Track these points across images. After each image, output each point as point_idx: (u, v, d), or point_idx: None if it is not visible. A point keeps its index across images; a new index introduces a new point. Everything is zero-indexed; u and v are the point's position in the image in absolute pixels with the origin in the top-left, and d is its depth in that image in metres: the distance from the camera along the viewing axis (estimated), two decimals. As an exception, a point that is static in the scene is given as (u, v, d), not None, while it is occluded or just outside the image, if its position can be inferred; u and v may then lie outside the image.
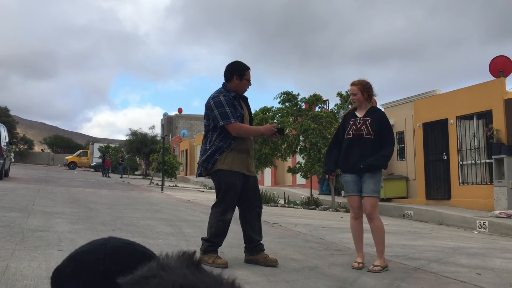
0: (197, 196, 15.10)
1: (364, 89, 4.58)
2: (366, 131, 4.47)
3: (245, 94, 4.51)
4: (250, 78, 4.40)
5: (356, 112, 4.67)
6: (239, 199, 4.26)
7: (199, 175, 4.44)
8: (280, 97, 15.58)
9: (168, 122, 48.38)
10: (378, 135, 4.49)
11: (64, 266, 0.76)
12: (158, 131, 40.73)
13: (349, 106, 14.44)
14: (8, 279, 3.10)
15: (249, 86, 4.44)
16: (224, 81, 4.41)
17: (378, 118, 4.55)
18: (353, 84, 4.66)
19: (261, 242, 4.33)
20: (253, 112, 18.42)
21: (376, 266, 4.30)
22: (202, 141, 4.43)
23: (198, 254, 0.60)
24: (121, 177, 31.20)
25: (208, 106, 4.28)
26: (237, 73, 4.33)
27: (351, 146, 4.52)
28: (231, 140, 4.20)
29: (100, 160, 37.42)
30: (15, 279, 3.10)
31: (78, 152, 51.87)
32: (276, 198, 14.44)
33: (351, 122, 4.58)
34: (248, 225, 4.30)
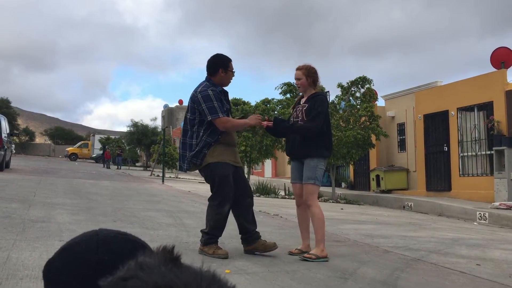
0: (198, 188, 15.11)
1: (309, 74, 4.51)
2: (301, 118, 4.44)
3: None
4: (233, 68, 4.42)
5: (301, 99, 4.63)
6: None
7: (187, 169, 4.31)
8: (281, 88, 15.55)
9: (169, 114, 48.25)
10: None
11: (56, 259, 0.75)
12: (159, 122, 40.72)
13: (350, 98, 14.52)
14: (10, 269, 3.12)
15: (233, 77, 4.46)
16: (207, 75, 4.38)
17: (313, 101, 4.44)
18: (298, 69, 4.58)
19: (256, 230, 4.34)
20: (254, 103, 18.16)
21: (310, 255, 4.21)
22: (185, 134, 4.31)
23: (178, 249, 0.60)
24: (119, 168, 31.23)
25: (195, 100, 4.22)
26: (222, 66, 4.34)
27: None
28: (219, 135, 4.20)
29: (101, 152, 37.48)
30: (16, 269, 3.12)
31: (79, 143, 51.95)
32: (276, 190, 14.46)
33: (293, 110, 4.61)
34: (242, 217, 4.30)
